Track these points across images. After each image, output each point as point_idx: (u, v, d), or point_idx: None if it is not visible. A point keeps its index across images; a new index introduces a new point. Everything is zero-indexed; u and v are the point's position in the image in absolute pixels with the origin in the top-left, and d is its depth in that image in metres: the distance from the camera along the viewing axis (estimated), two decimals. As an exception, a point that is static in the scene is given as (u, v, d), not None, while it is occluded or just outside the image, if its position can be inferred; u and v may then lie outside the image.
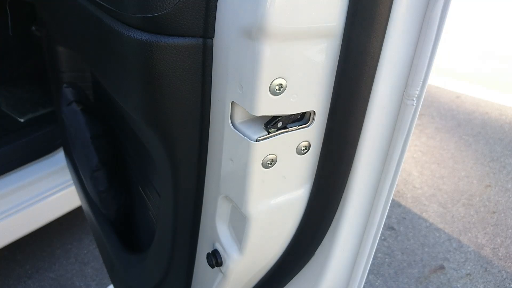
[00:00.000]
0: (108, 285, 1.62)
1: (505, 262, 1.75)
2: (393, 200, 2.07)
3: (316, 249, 0.60)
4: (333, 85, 0.41)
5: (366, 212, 0.55)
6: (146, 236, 0.99)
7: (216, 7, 0.39)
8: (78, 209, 1.49)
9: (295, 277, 0.65)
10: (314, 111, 0.43)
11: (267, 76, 0.36)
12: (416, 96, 0.43)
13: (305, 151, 0.46)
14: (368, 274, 1.69)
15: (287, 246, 0.60)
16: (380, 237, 1.86)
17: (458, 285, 1.64)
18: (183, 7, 0.39)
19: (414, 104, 0.43)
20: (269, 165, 0.44)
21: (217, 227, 0.57)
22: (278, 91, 0.38)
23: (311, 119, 0.44)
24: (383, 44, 0.40)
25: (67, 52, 1.14)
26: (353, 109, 0.43)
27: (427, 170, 2.31)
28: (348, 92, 0.42)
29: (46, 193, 1.40)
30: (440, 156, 2.43)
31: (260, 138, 0.42)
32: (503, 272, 1.71)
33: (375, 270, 1.70)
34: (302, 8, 0.35)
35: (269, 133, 0.42)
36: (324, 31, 0.38)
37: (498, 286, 1.65)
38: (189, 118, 0.47)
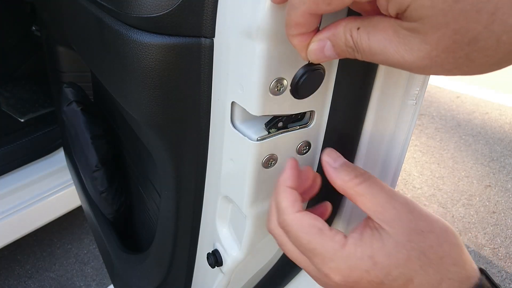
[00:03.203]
0: (108, 285, 1.62)
1: (505, 262, 1.75)
2: (393, 200, 2.06)
3: (316, 249, 0.60)
4: (333, 84, 0.41)
5: (366, 212, 0.55)
6: (146, 236, 0.99)
7: (216, 7, 0.39)
8: (78, 209, 1.49)
9: (296, 276, 0.65)
10: (314, 111, 0.43)
11: (267, 76, 0.36)
12: (416, 95, 0.43)
13: (305, 151, 0.46)
14: (368, 274, 1.68)
15: (287, 246, 0.60)
16: (380, 237, 1.86)
17: (458, 285, 1.64)
18: (183, 7, 0.39)
19: (415, 103, 0.43)
20: (270, 165, 0.44)
21: (217, 227, 0.57)
22: (278, 91, 0.38)
23: (311, 119, 0.44)
24: (383, 44, 0.40)
25: (67, 52, 1.14)
26: (353, 109, 0.43)
27: (427, 170, 2.31)
28: (348, 91, 0.42)
29: (46, 193, 1.41)
30: (440, 156, 2.43)
31: (260, 138, 0.42)
32: (503, 272, 1.71)
33: (375, 270, 1.70)
34: (302, 8, 0.35)
35: (269, 133, 0.42)
36: (324, 31, 0.38)
37: (498, 286, 1.65)
38: (189, 118, 0.47)
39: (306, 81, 0.36)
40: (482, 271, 0.35)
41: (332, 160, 0.37)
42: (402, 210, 0.34)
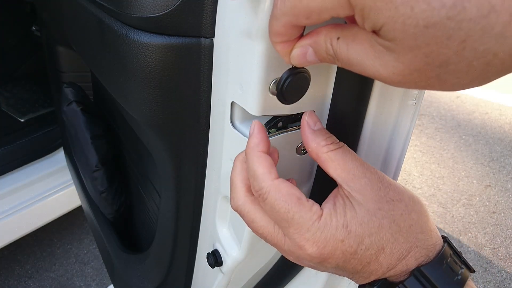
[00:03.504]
0: (108, 285, 1.62)
1: (505, 262, 1.75)
2: (393, 200, 2.06)
3: (316, 249, 0.60)
4: (333, 84, 0.41)
5: (366, 212, 0.54)
6: (146, 236, 0.99)
7: (216, 7, 0.39)
8: (78, 209, 1.50)
9: (296, 276, 0.65)
10: (313, 111, 0.43)
11: (267, 76, 0.36)
12: (416, 95, 0.43)
13: (305, 151, 0.46)
14: (368, 274, 1.68)
15: (287, 246, 0.59)
16: (380, 237, 1.86)
17: (458, 285, 1.64)
18: (183, 8, 0.39)
19: (414, 103, 0.43)
20: (269, 165, 0.44)
21: (217, 227, 0.57)
22: (278, 91, 0.38)
23: (311, 119, 0.44)
24: (383, 44, 0.40)
25: (67, 52, 1.14)
26: (353, 109, 0.43)
27: (427, 170, 2.31)
28: (347, 91, 0.42)
29: (46, 193, 1.41)
30: (440, 156, 2.43)
31: (260, 138, 0.42)
32: (503, 272, 1.71)
33: (375, 270, 1.70)
34: (302, 8, 0.35)
35: (269, 133, 0.42)
36: (324, 31, 0.38)
37: (498, 286, 1.66)
38: (189, 118, 0.47)
39: (291, 85, 0.36)
40: (444, 238, 0.36)
41: (312, 123, 0.37)
42: (372, 179, 0.34)
